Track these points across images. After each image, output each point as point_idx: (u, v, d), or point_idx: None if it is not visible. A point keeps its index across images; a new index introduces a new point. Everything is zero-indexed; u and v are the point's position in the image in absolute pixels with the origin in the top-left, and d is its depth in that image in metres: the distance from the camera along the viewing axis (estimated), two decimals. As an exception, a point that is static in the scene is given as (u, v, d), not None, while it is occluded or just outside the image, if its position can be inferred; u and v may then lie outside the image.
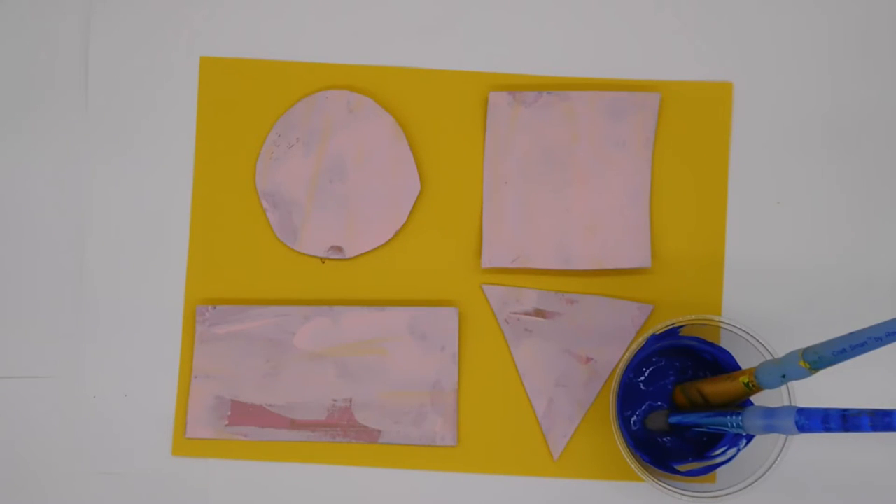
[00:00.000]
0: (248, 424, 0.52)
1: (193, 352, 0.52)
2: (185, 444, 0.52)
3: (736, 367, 0.48)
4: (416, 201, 0.53)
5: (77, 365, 0.53)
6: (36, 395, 0.53)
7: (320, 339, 0.52)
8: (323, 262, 0.53)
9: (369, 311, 0.52)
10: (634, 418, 0.50)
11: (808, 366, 0.39)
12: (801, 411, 0.39)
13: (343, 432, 0.52)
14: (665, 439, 0.51)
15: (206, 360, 0.52)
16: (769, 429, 0.41)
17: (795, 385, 0.45)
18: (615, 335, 0.52)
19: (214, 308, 0.52)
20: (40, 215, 0.54)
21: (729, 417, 0.44)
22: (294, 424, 0.52)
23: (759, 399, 0.46)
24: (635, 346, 0.47)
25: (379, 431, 0.51)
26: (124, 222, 0.54)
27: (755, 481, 0.45)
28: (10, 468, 0.53)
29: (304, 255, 0.53)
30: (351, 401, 0.52)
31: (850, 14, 0.54)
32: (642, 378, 0.51)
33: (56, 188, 0.54)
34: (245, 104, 0.54)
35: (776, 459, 0.45)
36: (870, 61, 0.54)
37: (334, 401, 0.52)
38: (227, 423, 0.52)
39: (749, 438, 0.48)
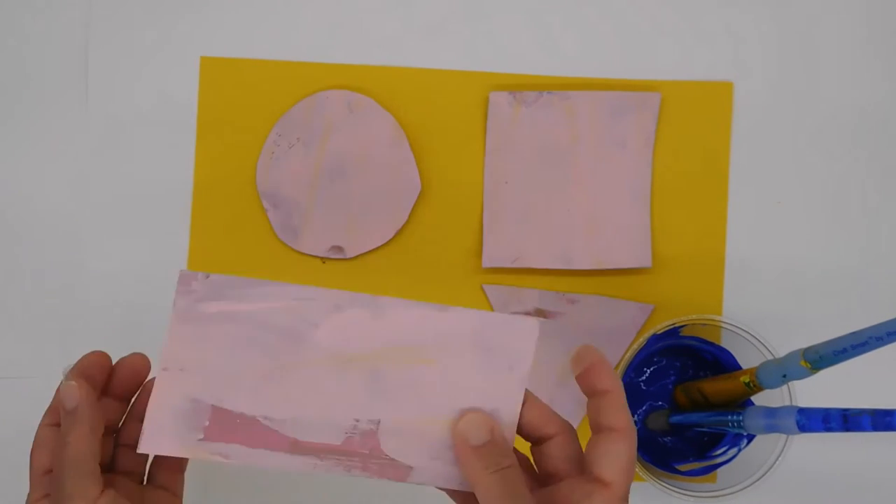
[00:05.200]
0: (233, 441, 0.37)
1: (167, 333, 0.38)
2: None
3: (737, 367, 0.48)
4: (416, 201, 0.53)
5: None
6: (35, 395, 0.53)
7: (353, 337, 0.38)
8: (323, 262, 0.53)
9: (426, 309, 0.39)
10: (635, 418, 0.50)
11: (808, 365, 0.39)
12: (801, 411, 0.39)
13: (362, 464, 0.37)
14: (666, 439, 0.51)
15: (184, 347, 0.38)
16: (770, 428, 0.41)
17: (796, 385, 0.45)
18: (616, 335, 0.52)
19: (207, 276, 0.37)
20: (40, 215, 0.54)
21: (730, 417, 0.44)
22: (296, 447, 0.37)
23: (759, 399, 0.46)
24: (636, 346, 0.47)
25: (410, 468, 0.37)
26: (124, 222, 0.54)
27: (756, 481, 0.45)
28: (9, 468, 0.53)
29: (305, 255, 0.53)
30: (379, 423, 0.38)
31: (849, 14, 0.54)
32: (643, 378, 0.51)
33: (56, 188, 0.54)
34: (245, 104, 0.54)
35: (777, 459, 0.45)
36: (870, 61, 0.54)
37: (357, 421, 0.38)
38: (201, 436, 0.37)
39: (750, 438, 0.48)
